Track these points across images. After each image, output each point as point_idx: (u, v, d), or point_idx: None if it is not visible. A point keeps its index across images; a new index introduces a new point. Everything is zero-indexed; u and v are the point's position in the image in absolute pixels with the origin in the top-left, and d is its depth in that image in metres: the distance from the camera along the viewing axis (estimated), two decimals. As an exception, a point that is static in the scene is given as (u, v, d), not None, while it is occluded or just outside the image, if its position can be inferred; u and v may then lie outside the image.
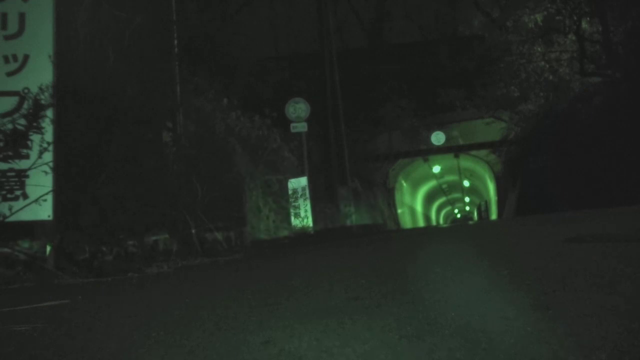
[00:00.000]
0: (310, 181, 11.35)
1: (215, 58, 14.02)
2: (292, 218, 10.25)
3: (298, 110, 12.44)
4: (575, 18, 15.73)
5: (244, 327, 1.43)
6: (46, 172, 3.27)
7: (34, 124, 3.23)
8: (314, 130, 13.68)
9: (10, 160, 3.23)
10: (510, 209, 17.96)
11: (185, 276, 3.15)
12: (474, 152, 23.70)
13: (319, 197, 13.49)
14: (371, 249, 4.05)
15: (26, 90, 3.28)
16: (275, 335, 1.31)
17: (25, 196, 3.23)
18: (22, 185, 3.24)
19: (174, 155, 5.54)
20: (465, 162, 26.38)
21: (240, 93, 14.05)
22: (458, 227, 7.36)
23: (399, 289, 1.87)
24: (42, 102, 3.26)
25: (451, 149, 23.23)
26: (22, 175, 3.25)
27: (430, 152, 23.40)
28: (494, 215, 26.26)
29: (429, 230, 7.61)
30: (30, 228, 3.25)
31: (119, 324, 1.63)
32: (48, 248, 3.21)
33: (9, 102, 3.27)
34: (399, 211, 25.98)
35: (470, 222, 11.83)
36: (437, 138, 22.52)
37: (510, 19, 17.70)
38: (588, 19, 16.02)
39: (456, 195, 42.14)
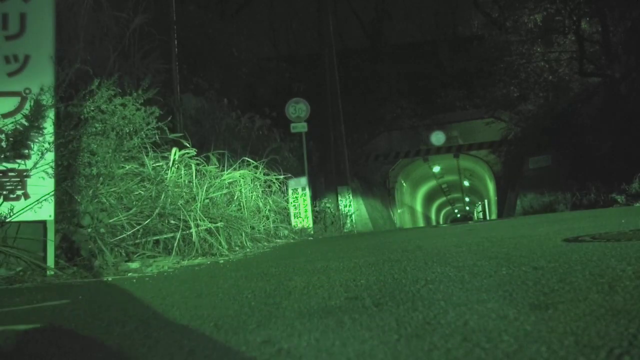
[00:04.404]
0: (310, 181, 11.37)
1: (215, 58, 14.04)
2: (292, 218, 10.26)
3: (298, 110, 12.45)
4: (574, 18, 15.74)
5: (244, 327, 1.44)
6: (47, 173, 3.27)
7: (36, 125, 3.24)
8: (314, 130, 13.69)
9: (11, 161, 3.23)
10: (510, 209, 17.97)
11: (185, 276, 3.15)
12: (473, 152, 23.71)
13: (319, 197, 13.50)
14: (371, 249, 4.05)
15: (27, 91, 3.29)
16: (275, 334, 1.31)
17: (26, 196, 3.23)
18: (24, 186, 3.24)
19: (174, 154, 5.55)
20: (465, 162, 26.39)
21: (240, 93, 14.08)
22: (457, 227, 7.36)
23: (398, 288, 1.87)
24: (43, 102, 3.26)
25: (451, 149, 23.23)
26: (23, 175, 3.25)
27: (430, 152, 23.41)
28: (493, 215, 26.28)
29: (429, 230, 7.61)
30: (31, 228, 3.25)
31: (119, 323, 1.64)
32: (48, 248, 3.21)
33: (11, 103, 3.27)
34: (399, 211, 25.99)
35: (470, 222, 11.84)
36: (437, 138, 22.52)
37: (510, 19, 17.70)
38: (588, 19, 16.02)
39: (456, 195, 42.18)
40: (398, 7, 35.61)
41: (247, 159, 7.59)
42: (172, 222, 4.46)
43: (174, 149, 5.58)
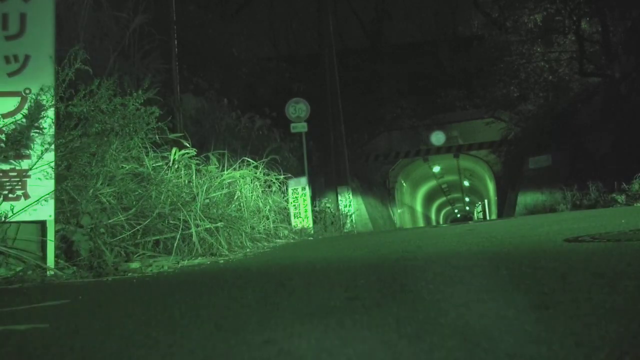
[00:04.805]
0: (310, 181, 11.37)
1: (215, 58, 14.04)
2: (292, 218, 10.26)
3: (298, 110, 12.47)
4: (574, 18, 15.75)
5: (244, 327, 1.44)
6: (47, 173, 3.27)
7: (35, 125, 3.23)
8: (314, 130, 13.69)
9: (11, 161, 3.23)
10: (510, 209, 17.97)
11: (185, 276, 3.15)
12: (473, 152, 23.72)
13: (319, 197, 13.50)
14: (371, 249, 4.05)
15: (27, 91, 3.28)
16: (275, 335, 1.31)
17: (26, 196, 3.23)
18: (24, 186, 3.24)
19: (174, 154, 5.55)
20: (465, 162, 26.39)
21: (240, 93, 14.08)
22: (457, 227, 7.37)
23: (398, 288, 1.87)
24: (43, 102, 3.26)
25: (451, 149, 23.24)
26: (23, 175, 3.25)
27: (430, 152, 23.42)
28: (493, 215, 26.28)
29: (429, 230, 7.61)
30: (31, 228, 3.25)
31: (119, 323, 1.64)
32: (48, 248, 3.21)
33: (11, 103, 3.27)
34: (399, 211, 25.99)
35: (470, 222, 11.87)
36: (437, 138, 22.53)
37: (510, 19, 17.71)
38: (588, 19, 16.03)
39: (456, 195, 42.19)
40: (398, 7, 35.69)
41: (247, 159, 7.59)
42: (172, 222, 4.46)
43: (174, 149, 5.58)
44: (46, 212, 3.24)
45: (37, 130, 3.25)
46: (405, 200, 29.46)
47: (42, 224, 3.25)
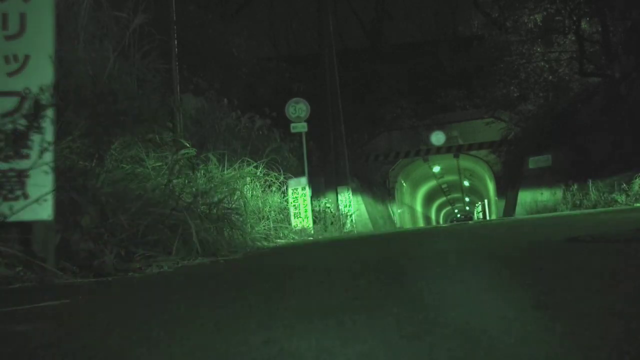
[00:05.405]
0: (310, 181, 11.37)
1: (215, 58, 14.03)
2: (292, 218, 10.26)
3: (298, 110, 12.46)
4: (574, 18, 15.74)
5: (244, 327, 1.44)
6: (47, 172, 3.27)
7: (35, 124, 3.23)
8: (314, 130, 13.67)
9: (10, 161, 3.23)
10: (510, 209, 17.97)
11: (185, 276, 3.15)
12: (473, 152, 23.71)
13: (319, 197, 13.50)
14: (371, 249, 4.05)
15: (27, 91, 3.28)
16: (275, 335, 1.31)
17: (26, 196, 3.23)
18: (23, 186, 3.23)
19: (174, 155, 5.55)
20: (465, 162, 26.38)
21: (240, 93, 14.07)
22: (456, 227, 7.37)
23: (398, 289, 1.87)
24: (43, 102, 3.26)
25: (451, 149, 23.23)
26: (22, 175, 3.25)
27: (430, 152, 23.41)
28: (493, 215, 26.28)
29: (429, 230, 7.62)
30: (31, 228, 3.24)
31: (119, 323, 1.64)
32: (48, 248, 3.21)
33: (10, 102, 3.27)
34: (399, 211, 25.98)
35: (470, 222, 11.87)
36: (437, 138, 22.52)
37: (510, 19, 17.70)
38: (588, 19, 16.01)
39: (456, 195, 42.19)
40: (398, 7, 35.78)
41: (247, 159, 7.59)
42: (172, 222, 4.46)
43: (174, 149, 5.58)
44: (46, 211, 3.24)
45: (37, 130, 3.25)
46: (405, 200, 29.47)
47: (42, 224, 3.25)
